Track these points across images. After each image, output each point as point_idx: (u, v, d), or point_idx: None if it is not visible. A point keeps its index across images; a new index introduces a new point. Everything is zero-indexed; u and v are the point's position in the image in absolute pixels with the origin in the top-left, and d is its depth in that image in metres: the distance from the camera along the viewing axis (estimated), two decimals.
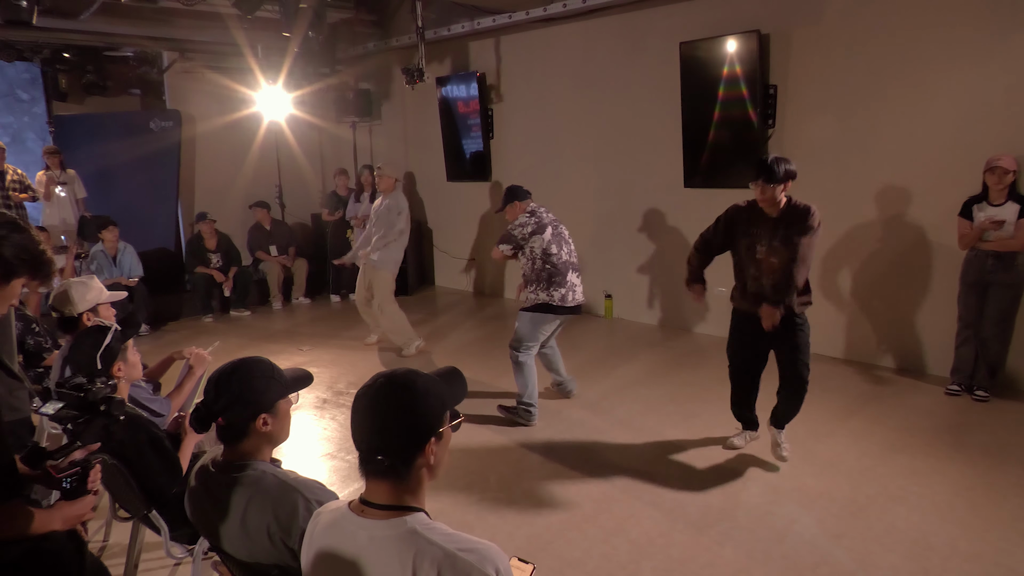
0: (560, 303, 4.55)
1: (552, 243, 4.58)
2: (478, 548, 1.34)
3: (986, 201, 4.63)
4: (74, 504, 1.74)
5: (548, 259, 4.55)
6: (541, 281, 4.57)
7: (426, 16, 7.53)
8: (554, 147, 7.62)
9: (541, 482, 3.89)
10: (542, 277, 4.57)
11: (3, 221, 1.69)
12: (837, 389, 5.08)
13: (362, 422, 1.41)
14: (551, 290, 4.55)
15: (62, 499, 1.73)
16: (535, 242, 4.57)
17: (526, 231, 4.58)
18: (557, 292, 4.55)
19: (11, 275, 1.68)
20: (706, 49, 5.99)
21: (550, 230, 4.60)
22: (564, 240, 4.67)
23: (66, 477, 1.73)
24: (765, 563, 3.06)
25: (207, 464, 1.89)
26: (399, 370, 1.47)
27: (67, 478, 1.73)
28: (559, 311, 4.60)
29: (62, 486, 1.73)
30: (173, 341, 7.09)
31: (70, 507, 1.73)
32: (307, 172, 9.44)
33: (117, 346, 2.61)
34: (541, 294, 4.57)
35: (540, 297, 4.57)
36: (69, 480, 1.73)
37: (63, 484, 1.73)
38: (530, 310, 4.63)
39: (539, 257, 4.57)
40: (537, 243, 4.57)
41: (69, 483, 1.74)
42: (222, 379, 1.82)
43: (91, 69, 8.33)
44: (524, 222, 4.61)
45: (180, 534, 2.53)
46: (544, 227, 4.59)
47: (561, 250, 4.61)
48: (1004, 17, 4.67)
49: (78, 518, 1.76)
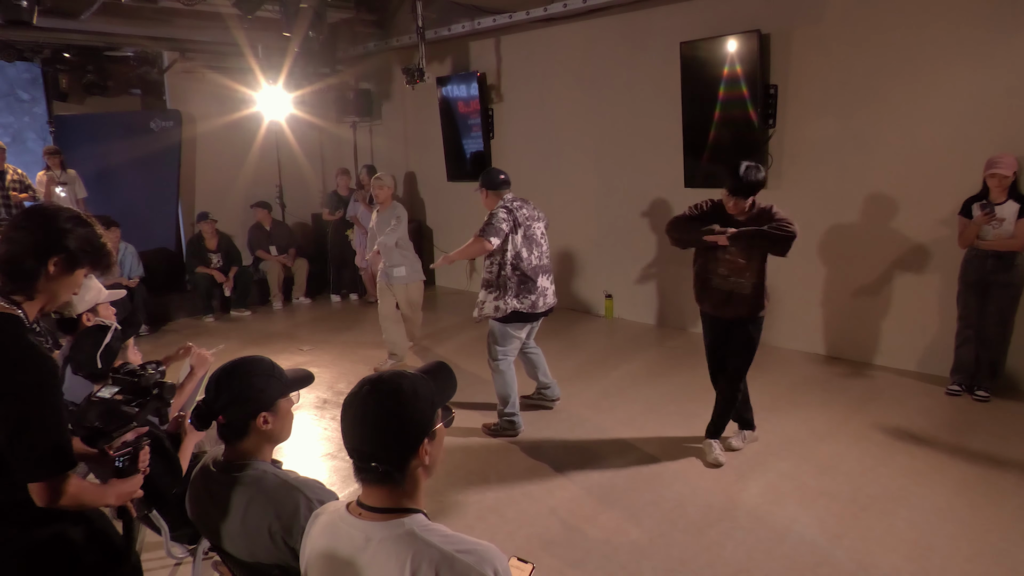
0: (531, 310, 4.34)
1: (523, 247, 4.32)
2: (476, 549, 1.34)
3: (987, 200, 4.63)
4: (126, 482, 1.85)
5: (518, 265, 4.30)
6: (510, 288, 4.30)
7: (426, 16, 7.53)
8: (555, 147, 7.62)
9: (541, 482, 3.89)
10: (510, 284, 4.30)
11: (68, 216, 1.82)
12: (837, 390, 5.07)
13: (352, 430, 1.40)
14: (521, 297, 4.31)
15: (114, 476, 1.84)
16: (507, 244, 4.30)
17: (505, 227, 4.28)
18: (527, 299, 4.32)
19: (75, 265, 1.82)
20: (707, 49, 5.98)
21: (521, 232, 4.32)
22: (535, 242, 4.39)
23: (119, 456, 1.84)
24: (765, 563, 3.06)
25: (208, 464, 1.89)
26: (384, 374, 1.46)
27: (120, 457, 1.84)
28: (530, 318, 4.41)
29: (115, 465, 1.84)
30: (174, 341, 7.09)
31: (122, 484, 1.84)
32: (307, 172, 9.44)
33: (117, 345, 2.62)
34: (512, 302, 4.30)
35: (510, 305, 4.30)
36: (122, 459, 1.84)
37: (116, 463, 1.84)
38: (500, 320, 4.37)
39: (509, 262, 4.30)
40: (509, 248, 4.30)
41: (122, 462, 1.84)
42: (223, 377, 1.84)
43: (91, 69, 8.33)
44: (503, 217, 4.29)
45: (181, 534, 2.53)
46: (517, 226, 4.31)
47: (531, 254, 4.35)
48: (1006, 17, 4.67)
49: (129, 494, 1.87)
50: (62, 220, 1.80)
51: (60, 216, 1.81)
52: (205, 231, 7.98)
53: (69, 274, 1.82)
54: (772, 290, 6.10)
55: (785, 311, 6.06)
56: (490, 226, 4.28)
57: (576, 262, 7.60)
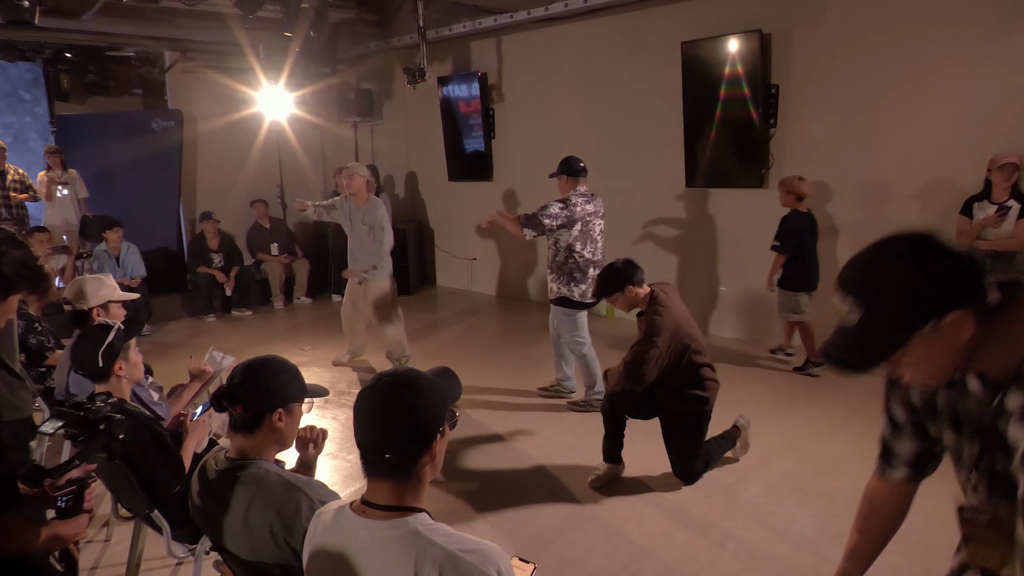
0: (580, 299, 4.63)
1: (577, 240, 4.59)
2: (480, 549, 1.34)
3: (987, 199, 4.63)
4: (68, 523, 1.72)
5: (571, 254, 4.60)
6: (563, 274, 4.62)
7: (427, 16, 7.53)
8: (555, 147, 7.59)
9: (542, 482, 3.89)
10: (564, 271, 4.62)
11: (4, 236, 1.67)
12: (838, 389, 5.07)
13: (367, 421, 1.41)
14: (571, 286, 4.63)
15: (56, 518, 1.72)
16: (561, 234, 4.59)
17: (555, 223, 4.53)
18: (577, 288, 4.63)
19: (10, 291, 1.67)
20: (708, 49, 5.98)
21: (579, 227, 4.58)
22: (591, 238, 4.67)
23: (63, 496, 1.72)
24: (766, 563, 3.06)
25: (211, 462, 1.90)
26: (400, 369, 1.49)
27: (63, 497, 1.72)
28: (579, 306, 4.68)
29: (58, 505, 1.72)
30: (174, 341, 7.10)
31: (64, 526, 1.71)
32: (309, 172, 9.44)
33: (119, 344, 2.62)
34: (562, 288, 4.64)
35: (562, 291, 4.64)
36: (65, 499, 1.72)
37: (59, 503, 1.72)
38: (556, 304, 4.71)
39: (563, 250, 4.61)
40: (563, 236, 4.59)
41: (65, 502, 1.72)
42: (252, 367, 1.86)
43: (93, 69, 8.35)
44: (555, 213, 4.52)
45: (182, 533, 2.53)
46: (574, 223, 4.57)
47: (585, 248, 4.62)
48: (1007, 16, 4.67)
49: (72, 537, 1.75)
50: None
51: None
52: (207, 231, 7.99)
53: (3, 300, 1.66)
54: None
55: None
56: (534, 218, 4.53)
57: None
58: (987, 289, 1.17)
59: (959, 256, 1.18)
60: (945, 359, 1.21)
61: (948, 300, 1.15)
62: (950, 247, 1.19)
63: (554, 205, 4.54)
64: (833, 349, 1.23)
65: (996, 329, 1.18)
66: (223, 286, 7.99)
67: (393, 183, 9.66)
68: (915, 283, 1.16)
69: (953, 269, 1.17)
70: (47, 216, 7.80)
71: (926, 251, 1.19)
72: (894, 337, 1.17)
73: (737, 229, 6.30)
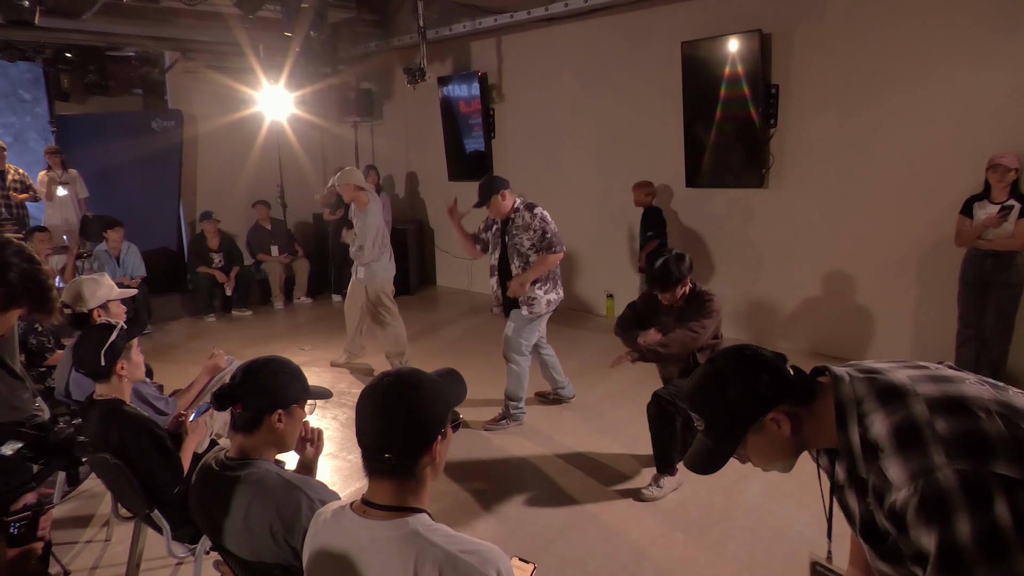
0: (558, 302, 4.51)
1: None
2: (479, 550, 1.34)
3: (987, 199, 4.63)
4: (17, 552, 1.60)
5: None
6: (550, 280, 4.41)
7: (428, 16, 7.53)
8: (556, 147, 7.63)
9: (542, 482, 3.89)
10: (551, 275, 4.41)
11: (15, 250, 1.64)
12: None
13: (370, 420, 1.41)
14: (557, 289, 4.47)
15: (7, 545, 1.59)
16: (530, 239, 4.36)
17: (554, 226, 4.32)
18: (559, 290, 4.51)
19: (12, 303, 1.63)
20: (708, 49, 5.98)
21: None
22: None
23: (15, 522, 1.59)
24: (766, 563, 3.06)
25: (211, 462, 1.90)
26: (404, 369, 1.49)
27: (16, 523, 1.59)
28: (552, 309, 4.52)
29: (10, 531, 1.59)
30: (175, 341, 7.11)
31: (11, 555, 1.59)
32: (309, 172, 9.44)
33: (121, 344, 2.62)
34: (551, 295, 4.42)
35: (551, 298, 4.42)
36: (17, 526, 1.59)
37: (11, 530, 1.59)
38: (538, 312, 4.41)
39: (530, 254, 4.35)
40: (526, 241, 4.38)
41: (17, 529, 1.59)
42: (252, 367, 1.86)
43: (93, 69, 8.33)
44: (544, 216, 4.31)
45: (182, 533, 2.54)
46: None
47: None
48: (1008, 16, 4.66)
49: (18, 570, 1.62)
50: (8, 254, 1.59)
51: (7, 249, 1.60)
52: (208, 231, 7.99)
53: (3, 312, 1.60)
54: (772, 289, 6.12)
55: (785, 310, 6.07)
56: (553, 236, 4.30)
57: (577, 262, 7.60)
58: (796, 386, 1.45)
59: (769, 364, 1.45)
60: (776, 449, 1.50)
61: (764, 405, 1.43)
62: (762, 358, 1.46)
63: (540, 214, 4.31)
64: (690, 462, 1.54)
65: (815, 414, 1.45)
66: (223, 286, 7.99)
67: (393, 183, 9.66)
68: (734, 398, 1.45)
69: (764, 379, 1.44)
70: (47, 216, 7.81)
71: (742, 368, 1.46)
72: (732, 442, 1.48)
73: (737, 229, 6.30)
